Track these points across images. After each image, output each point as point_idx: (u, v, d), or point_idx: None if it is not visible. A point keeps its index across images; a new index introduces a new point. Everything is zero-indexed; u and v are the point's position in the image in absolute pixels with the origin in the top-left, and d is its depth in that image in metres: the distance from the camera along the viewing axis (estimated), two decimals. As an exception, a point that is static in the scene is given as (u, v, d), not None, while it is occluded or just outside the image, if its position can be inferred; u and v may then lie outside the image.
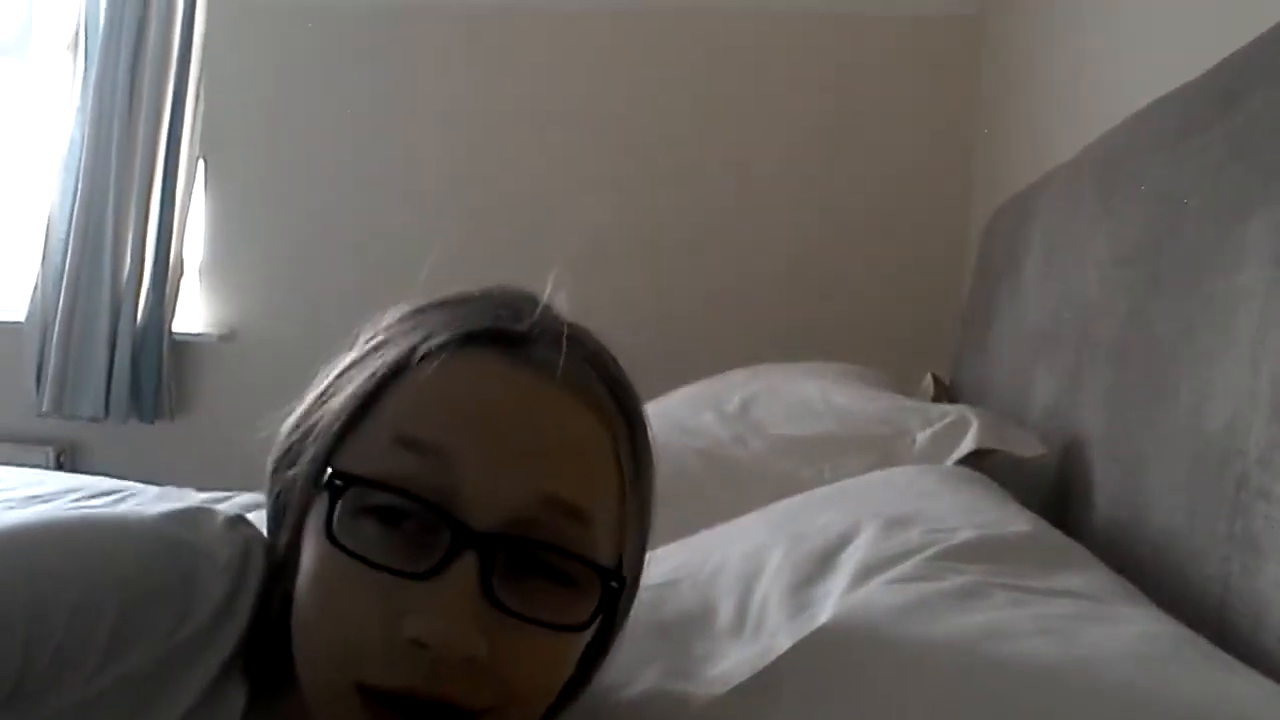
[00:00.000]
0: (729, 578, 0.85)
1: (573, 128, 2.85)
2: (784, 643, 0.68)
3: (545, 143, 2.86)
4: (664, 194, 2.81)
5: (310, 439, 0.63)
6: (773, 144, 2.78)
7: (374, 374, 0.62)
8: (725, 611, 0.81)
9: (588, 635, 0.61)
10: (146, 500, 1.61)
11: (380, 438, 0.59)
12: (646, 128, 2.83)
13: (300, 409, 0.65)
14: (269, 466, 0.67)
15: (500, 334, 0.62)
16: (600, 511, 0.60)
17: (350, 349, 0.66)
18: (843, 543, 0.84)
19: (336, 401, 0.62)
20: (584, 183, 2.82)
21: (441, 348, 0.61)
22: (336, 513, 0.57)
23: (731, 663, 0.72)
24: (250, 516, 0.69)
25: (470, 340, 0.62)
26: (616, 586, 0.60)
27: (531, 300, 0.66)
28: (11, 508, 1.46)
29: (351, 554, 0.56)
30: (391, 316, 0.67)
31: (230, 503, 1.59)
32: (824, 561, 0.82)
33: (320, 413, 0.63)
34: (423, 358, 0.61)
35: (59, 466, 2.93)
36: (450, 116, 2.90)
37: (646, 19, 2.83)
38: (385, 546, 0.56)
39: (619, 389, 0.65)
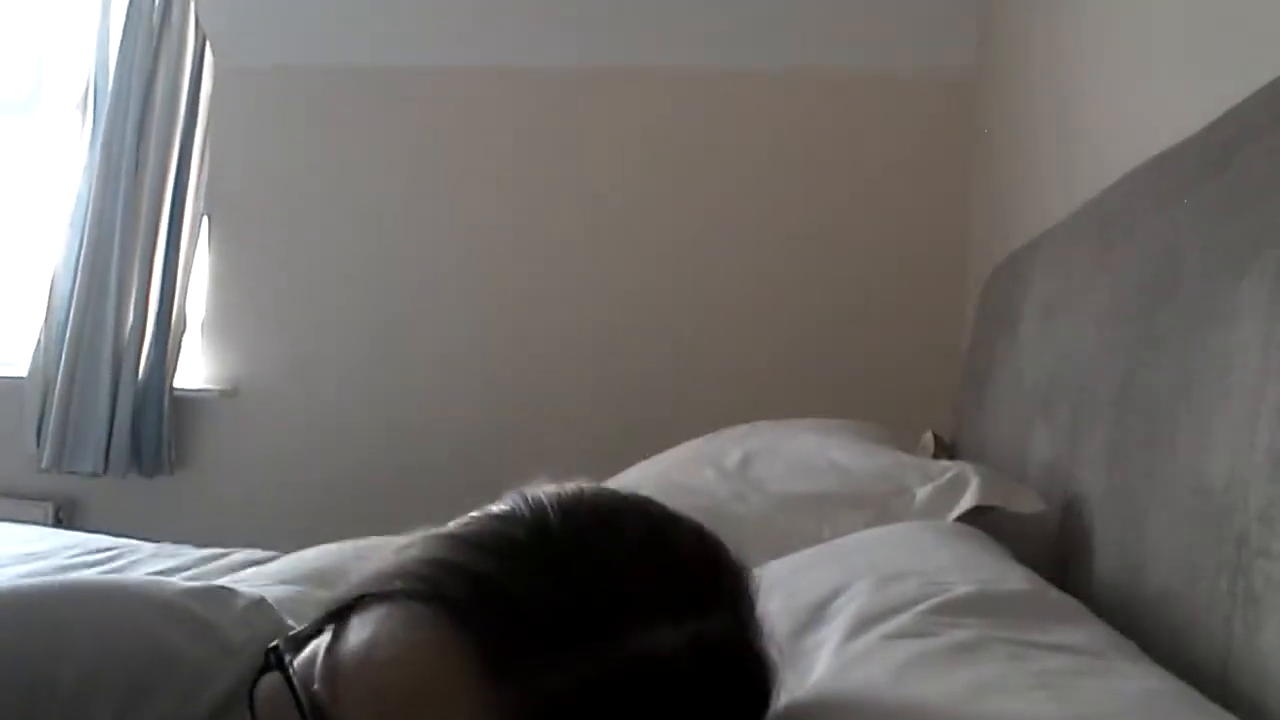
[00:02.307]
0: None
1: (571, 192, 2.87)
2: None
3: (546, 206, 2.88)
4: (662, 251, 2.83)
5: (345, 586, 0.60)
6: (770, 205, 2.79)
7: (364, 585, 0.58)
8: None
9: None
10: (143, 557, 1.60)
11: (330, 650, 0.56)
12: (642, 193, 2.85)
13: (385, 544, 0.62)
14: None
15: (452, 603, 0.55)
16: None
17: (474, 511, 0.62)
18: (835, 594, 0.83)
19: (369, 568, 0.60)
20: (586, 249, 2.84)
21: (403, 595, 0.56)
22: (263, 678, 0.55)
23: None
24: (250, 571, 0.68)
25: (424, 599, 0.55)
26: None
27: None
28: (2, 566, 1.45)
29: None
30: (508, 499, 0.61)
31: (228, 559, 1.57)
32: (816, 613, 0.81)
33: (367, 566, 0.61)
34: (386, 596, 0.56)
35: (58, 522, 2.92)
36: (452, 176, 2.92)
37: (636, 81, 2.85)
38: None
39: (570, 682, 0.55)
